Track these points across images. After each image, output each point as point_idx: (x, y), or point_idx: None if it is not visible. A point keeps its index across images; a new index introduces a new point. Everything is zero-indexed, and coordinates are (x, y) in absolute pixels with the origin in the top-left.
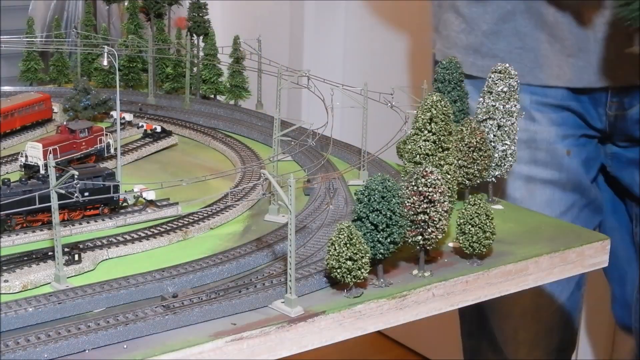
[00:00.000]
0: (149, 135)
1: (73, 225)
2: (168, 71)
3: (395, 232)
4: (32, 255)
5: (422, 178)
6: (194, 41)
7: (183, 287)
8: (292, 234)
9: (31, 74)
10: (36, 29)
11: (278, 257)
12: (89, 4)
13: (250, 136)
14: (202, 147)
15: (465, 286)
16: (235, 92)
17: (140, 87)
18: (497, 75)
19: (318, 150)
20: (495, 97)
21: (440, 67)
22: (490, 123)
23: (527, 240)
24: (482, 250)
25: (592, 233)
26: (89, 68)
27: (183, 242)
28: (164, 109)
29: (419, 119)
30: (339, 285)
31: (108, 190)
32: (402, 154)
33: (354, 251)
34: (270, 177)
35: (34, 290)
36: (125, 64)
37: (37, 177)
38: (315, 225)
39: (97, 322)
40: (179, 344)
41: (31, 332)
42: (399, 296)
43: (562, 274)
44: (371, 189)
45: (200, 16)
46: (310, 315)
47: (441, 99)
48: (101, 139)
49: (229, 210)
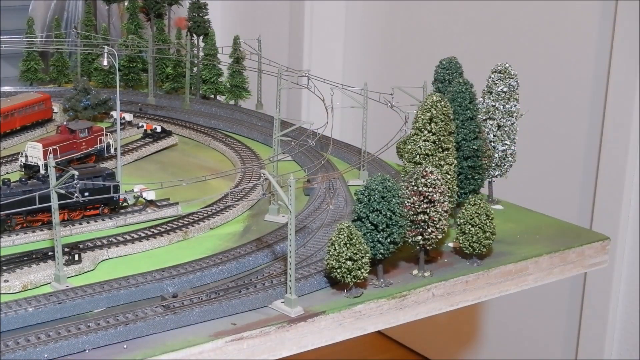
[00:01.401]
0: (149, 136)
1: (73, 225)
2: (168, 71)
3: (395, 232)
4: (32, 255)
5: (422, 178)
6: (194, 41)
7: (183, 287)
8: (292, 234)
9: (31, 74)
10: (36, 29)
11: (278, 257)
12: (89, 4)
13: (250, 136)
14: (202, 147)
15: (465, 286)
16: (235, 92)
17: (140, 87)
18: (497, 76)
19: (318, 150)
20: (495, 97)
21: (440, 67)
22: (490, 123)
23: (527, 240)
24: (482, 250)
25: (592, 233)
26: (89, 68)
27: (183, 242)
28: (164, 109)
29: (419, 119)
30: (339, 285)
31: (108, 190)
32: (402, 154)
33: (354, 251)
34: (270, 177)
35: (34, 290)
36: (125, 64)
37: (37, 177)
38: (315, 225)
39: (97, 322)
40: (179, 344)
41: (31, 332)
42: (398, 296)
43: (562, 274)
44: (371, 189)
45: (200, 16)
46: (310, 315)
47: (441, 99)
48: (101, 139)
49: (229, 210)
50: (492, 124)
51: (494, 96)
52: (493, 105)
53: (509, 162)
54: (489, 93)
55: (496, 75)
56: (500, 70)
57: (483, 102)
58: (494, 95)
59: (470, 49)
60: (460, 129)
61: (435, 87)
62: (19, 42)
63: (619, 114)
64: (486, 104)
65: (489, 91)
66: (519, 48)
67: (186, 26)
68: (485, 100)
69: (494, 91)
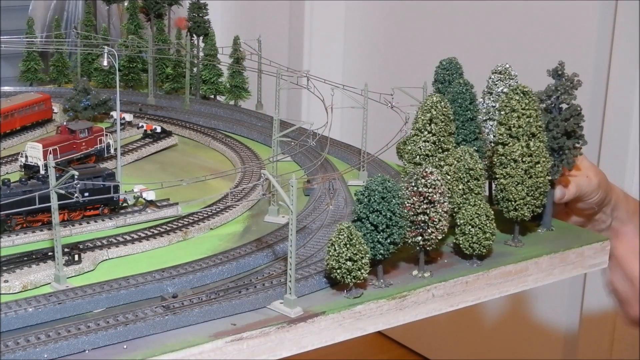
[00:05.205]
0: (149, 136)
1: (73, 225)
2: (168, 71)
3: (395, 232)
4: (32, 255)
5: (422, 179)
6: (194, 41)
7: (183, 287)
8: (292, 234)
9: (31, 74)
10: (36, 29)
11: (278, 258)
12: (89, 4)
13: (250, 136)
14: (202, 148)
15: (465, 287)
16: (235, 93)
17: (140, 87)
18: (497, 76)
19: (318, 150)
20: (495, 98)
21: (440, 67)
22: (491, 124)
23: (527, 241)
24: (482, 250)
25: (592, 234)
26: (89, 68)
27: (183, 242)
28: (164, 109)
29: (419, 120)
30: (339, 286)
31: (108, 191)
32: (402, 154)
33: (354, 252)
34: (270, 177)
35: (34, 290)
36: (125, 64)
37: (37, 177)
38: (315, 225)
39: (97, 322)
40: (179, 344)
41: (31, 332)
42: (398, 297)
43: (562, 274)
44: (371, 190)
45: (200, 16)
46: (310, 315)
47: (441, 99)
48: (101, 140)
49: (229, 211)
50: (492, 125)
51: (494, 97)
52: (493, 106)
53: None
54: (489, 94)
55: (496, 76)
56: (500, 71)
57: (483, 102)
58: (494, 96)
59: (470, 49)
60: (461, 130)
61: (436, 88)
62: (19, 42)
63: (618, 114)
64: (486, 105)
65: (489, 92)
66: (519, 48)
67: (186, 26)
68: (486, 101)
69: (494, 92)
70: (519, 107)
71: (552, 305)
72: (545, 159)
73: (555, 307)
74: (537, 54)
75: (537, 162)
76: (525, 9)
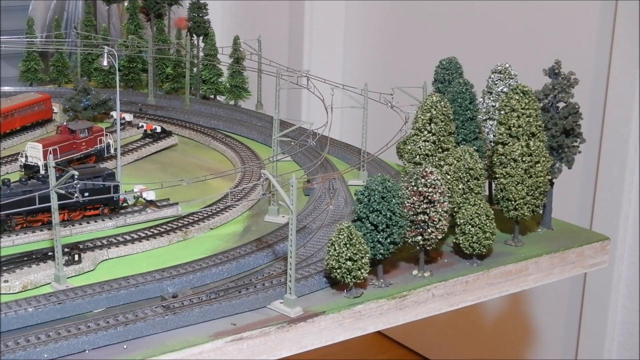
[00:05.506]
0: (149, 136)
1: (73, 225)
2: (168, 71)
3: (395, 232)
4: (32, 255)
5: (422, 178)
6: (194, 41)
7: (183, 287)
8: (292, 234)
9: (31, 74)
10: (36, 29)
11: (278, 258)
12: (89, 4)
13: (250, 136)
14: (202, 148)
15: (465, 286)
16: (235, 93)
17: (140, 87)
18: (497, 76)
19: (318, 150)
20: (495, 98)
21: (440, 67)
22: (490, 123)
23: (527, 240)
24: (482, 250)
25: (592, 233)
26: (89, 68)
27: (183, 242)
28: (164, 109)
29: (419, 120)
30: (339, 286)
31: (108, 191)
32: (402, 154)
33: (354, 251)
34: (271, 177)
35: (34, 290)
36: (125, 64)
37: (37, 177)
38: (315, 225)
39: (97, 322)
40: (179, 344)
41: (31, 332)
42: (398, 296)
43: (562, 274)
44: (371, 189)
45: (200, 16)
46: (310, 315)
47: (441, 99)
48: (101, 140)
49: (229, 211)
50: (492, 124)
51: (494, 96)
52: (493, 106)
53: None
54: (489, 93)
55: (496, 75)
56: (500, 71)
57: (483, 102)
58: (494, 95)
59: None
60: (460, 130)
61: (435, 88)
62: (19, 42)
63: (618, 114)
64: (486, 105)
65: (489, 91)
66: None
67: (186, 26)
68: (485, 101)
69: (494, 91)
70: (518, 106)
71: (552, 305)
72: (545, 159)
73: (555, 307)
74: (537, 54)
75: (537, 162)
76: (525, 9)
